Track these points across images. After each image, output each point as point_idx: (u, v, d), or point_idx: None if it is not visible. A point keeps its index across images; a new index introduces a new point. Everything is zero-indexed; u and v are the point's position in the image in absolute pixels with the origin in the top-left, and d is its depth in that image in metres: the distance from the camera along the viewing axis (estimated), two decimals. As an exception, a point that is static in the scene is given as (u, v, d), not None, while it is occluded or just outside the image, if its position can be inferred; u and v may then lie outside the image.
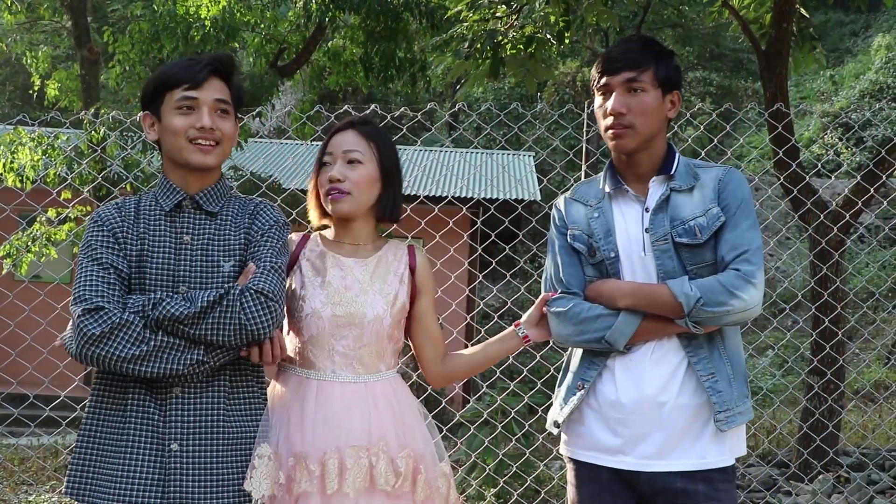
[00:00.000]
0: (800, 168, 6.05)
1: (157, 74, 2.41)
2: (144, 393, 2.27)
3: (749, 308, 2.33)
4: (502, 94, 22.88)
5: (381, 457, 2.38)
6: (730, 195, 2.43)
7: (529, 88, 7.40)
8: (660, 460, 2.39)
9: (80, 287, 2.24)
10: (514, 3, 7.05)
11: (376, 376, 2.50)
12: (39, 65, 12.79)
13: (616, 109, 2.44)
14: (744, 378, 2.46)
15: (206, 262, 2.34)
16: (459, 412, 5.50)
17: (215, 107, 2.37)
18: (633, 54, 2.46)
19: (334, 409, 2.43)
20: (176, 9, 10.00)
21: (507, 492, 5.14)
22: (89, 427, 2.32)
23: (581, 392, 2.49)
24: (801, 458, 6.26)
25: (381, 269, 2.56)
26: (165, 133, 2.38)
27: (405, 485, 2.41)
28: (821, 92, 26.36)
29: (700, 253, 2.41)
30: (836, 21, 31.05)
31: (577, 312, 2.47)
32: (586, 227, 2.53)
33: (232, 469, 2.29)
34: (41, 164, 8.36)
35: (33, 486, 6.53)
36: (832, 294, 6.01)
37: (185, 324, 2.20)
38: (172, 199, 2.38)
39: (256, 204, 2.47)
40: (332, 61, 11.58)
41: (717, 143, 5.42)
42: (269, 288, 2.27)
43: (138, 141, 7.96)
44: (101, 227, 2.33)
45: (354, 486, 2.34)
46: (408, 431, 2.48)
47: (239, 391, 2.35)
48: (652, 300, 2.39)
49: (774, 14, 6.58)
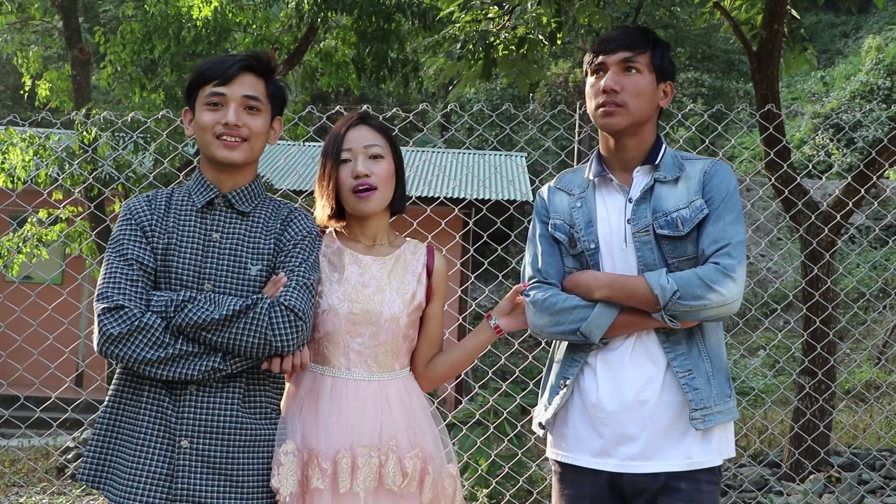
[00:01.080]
0: (791, 169, 6.07)
1: (195, 70, 2.43)
2: (160, 388, 2.27)
3: (727, 303, 2.28)
4: (494, 95, 22.88)
5: (390, 456, 2.38)
6: (715, 188, 2.39)
7: (521, 89, 7.40)
8: (644, 461, 2.34)
9: (103, 283, 2.25)
10: (507, 4, 7.06)
11: (391, 375, 2.49)
12: (30, 65, 12.74)
13: (609, 86, 2.41)
14: (725, 377, 2.41)
15: (233, 262, 2.33)
16: (452, 413, 5.50)
17: (243, 103, 2.37)
18: (630, 36, 2.45)
19: (348, 406, 2.42)
20: (168, 9, 9.98)
21: (500, 492, 5.14)
22: (108, 416, 2.33)
23: (564, 391, 2.45)
24: (792, 458, 6.28)
25: (399, 267, 2.54)
26: (197, 128, 2.40)
27: (412, 485, 2.40)
28: (812, 93, 26.48)
29: (682, 246, 2.36)
30: (826, 22, 31.19)
31: (553, 303, 2.42)
32: (568, 217, 2.49)
33: (242, 469, 2.28)
34: (32, 164, 8.35)
35: (24, 488, 6.52)
36: (823, 294, 6.04)
37: (208, 330, 2.20)
38: (205, 195, 2.39)
39: (291, 210, 2.47)
40: (324, 62, 11.55)
41: (709, 143, 5.44)
42: (300, 306, 2.26)
43: (130, 141, 7.96)
44: (130, 220, 2.34)
45: (365, 485, 2.34)
46: (419, 431, 2.47)
47: (255, 393, 2.35)
48: (628, 292, 2.34)
49: (765, 15, 6.59)
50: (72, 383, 4.87)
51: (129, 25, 10.51)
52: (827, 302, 6.10)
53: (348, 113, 3.17)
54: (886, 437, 7.78)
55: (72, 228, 9.41)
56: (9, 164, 8.24)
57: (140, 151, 8.60)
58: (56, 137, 8.82)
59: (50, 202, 7.82)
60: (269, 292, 2.30)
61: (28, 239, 8.74)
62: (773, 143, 6.03)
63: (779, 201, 6.21)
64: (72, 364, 10.56)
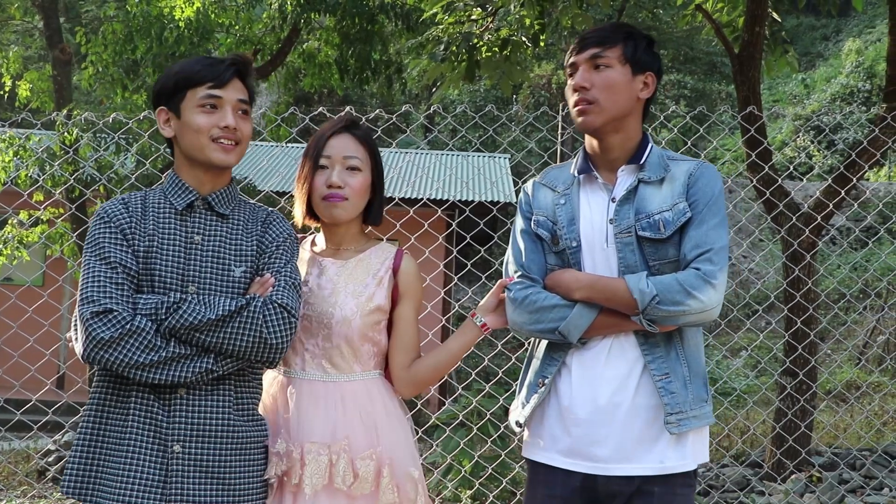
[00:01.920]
0: (772, 170, 6.09)
1: (178, 71, 2.38)
2: (148, 393, 2.24)
3: (706, 310, 2.26)
4: (478, 97, 22.90)
5: (342, 456, 2.38)
6: (699, 191, 2.35)
7: (505, 91, 7.41)
8: (617, 464, 2.33)
9: (87, 287, 2.20)
10: (490, 6, 7.07)
11: (348, 377, 2.50)
12: (10, 65, 12.65)
13: (579, 83, 2.40)
14: (703, 381, 2.38)
15: (216, 264, 2.33)
16: (435, 414, 5.50)
17: (238, 107, 2.37)
18: (600, 33, 2.44)
19: (301, 404, 2.46)
20: (150, 10, 9.93)
21: (483, 493, 5.15)
22: (90, 424, 2.28)
23: (542, 390, 2.43)
24: (773, 458, 6.30)
25: (360, 270, 2.55)
26: (186, 130, 2.35)
27: (364, 486, 2.39)
28: (793, 95, 26.66)
29: (663, 248, 2.34)
30: (807, 25, 31.44)
31: (534, 301, 2.39)
32: (552, 214, 2.47)
33: (234, 472, 2.29)
34: (12, 165, 8.30)
35: (3, 492, 6.47)
36: (804, 295, 6.08)
37: (201, 331, 2.19)
38: (184, 198, 2.36)
39: (268, 213, 2.48)
40: (307, 63, 11.54)
41: (691, 145, 5.47)
42: (291, 304, 2.28)
43: (111, 142, 7.91)
44: (109, 223, 2.30)
45: (312, 482, 2.35)
46: (379, 434, 2.46)
47: (243, 394, 2.36)
48: (608, 294, 2.31)
49: (747, 18, 6.63)
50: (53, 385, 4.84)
51: (110, 26, 10.44)
52: (808, 303, 6.14)
53: (331, 114, 3.17)
54: (867, 436, 7.83)
55: (53, 230, 9.37)
56: (-11, 165, 8.20)
57: (122, 152, 8.58)
58: (37, 138, 8.78)
59: (31, 203, 7.78)
60: (259, 292, 2.29)
61: (8, 240, 8.69)
62: (755, 145, 6.06)
63: (760, 203, 6.23)
64: (53, 366, 10.48)
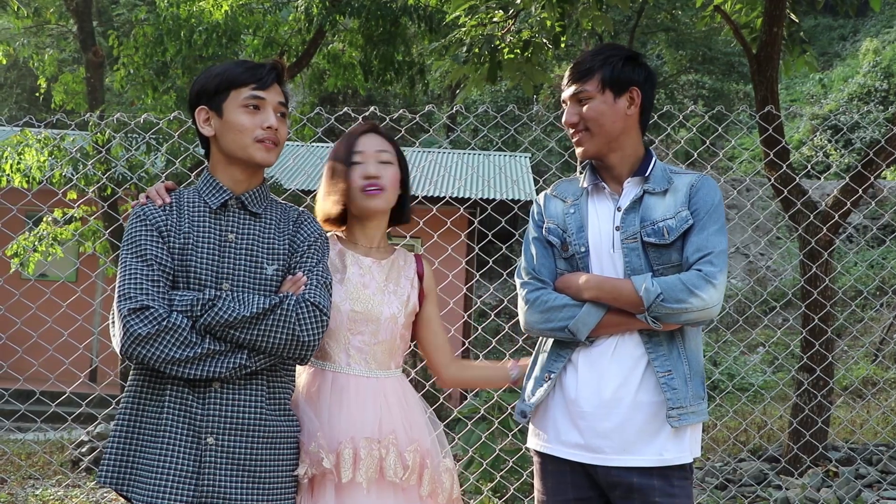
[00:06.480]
0: (790, 169, 6.13)
1: (221, 72, 2.43)
2: (183, 386, 2.28)
3: (707, 307, 2.39)
4: (499, 97, 22.89)
5: (390, 449, 2.46)
6: (700, 200, 2.51)
7: (526, 91, 7.50)
8: (617, 455, 2.45)
9: (125, 283, 2.23)
10: (511, 9, 7.16)
11: (387, 373, 2.61)
12: (46, 68, 12.86)
13: (568, 121, 2.58)
14: (701, 380, 2.52)
15: (250, 261, 2.37)
16: (457, 408, 5.57)
17: (278, 109, 2.43)
18: (579, 67, 2.58)
19: (349, 400, 2.51)
20: (179, 13, 10.09)
21: (504, 486, 5.21)
22: (127, 416, 2.32)
23: (548, 384, 2.56)
24: (791, 453, 6.34)
25: (395, 272, 2.68)
26: (228, 129, 2.40)
27: (412, 478, 2.48)
28: (810, 95, 26.54)
29: (667, 253, 2.49)
30: (825, 25, 31.23)
31: (545, 301, 2.54)
32: (562, 222, 2.61)
33: (266, 466, 2.32)
34: (47, 164, 8.47)
35: (39, 481, 6.64)
36: (821, 292, 6.11)
37: (237, 328, 2.23)
38: (219, 197, 2.40)
39: (300, 213, 2.53)
40: (332, 64, 11.65)
41: (710, 144, 5.53)
42: (324, 302, 2.33)
43: (142, 142, 8.09)
44: (145, 220, 2.33)
45: (367, 476, 2.41)
46: (415, 427, 2.58)
47: (276, 389, 2.39)
48: (615, 293, 2.46)
49: (765, 19, 6.66)
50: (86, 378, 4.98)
51: (141, 29, 10.57)
52: (825, 300, 6.15)
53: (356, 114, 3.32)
54: (883, 432, 7.85)
55: (86, 227, 9.56)
56: (24, 164, 8.37)
57: (152, 152, 8.72)
58: (70, 138, 8.94)
59: (64, 202, 7.97)
60: (292, 291, 2.33)
61: (43, 238, 8.88)
62: (773, 144, 6.12)
63: (778, 201, 6.29)
64: (86, 360, 10.63)
